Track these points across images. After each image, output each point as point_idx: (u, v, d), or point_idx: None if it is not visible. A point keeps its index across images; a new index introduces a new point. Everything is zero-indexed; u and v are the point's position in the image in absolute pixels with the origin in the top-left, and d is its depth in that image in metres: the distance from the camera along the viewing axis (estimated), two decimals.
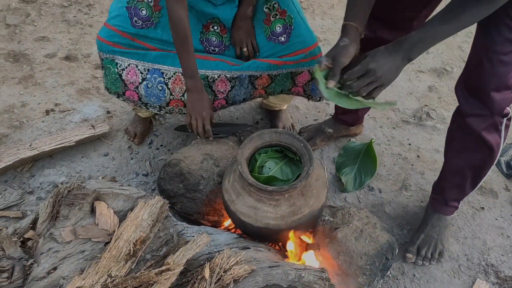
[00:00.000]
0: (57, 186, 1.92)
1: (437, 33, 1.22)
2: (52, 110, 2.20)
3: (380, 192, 2.00)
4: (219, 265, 1.35)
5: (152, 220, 1.42)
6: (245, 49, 1.76)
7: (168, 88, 1.75)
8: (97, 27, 2.69)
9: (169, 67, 1.73)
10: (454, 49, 2.70)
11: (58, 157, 2.01)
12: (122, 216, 1.43)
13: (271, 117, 2.23)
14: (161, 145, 2.11)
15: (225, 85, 1.79)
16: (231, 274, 1.32)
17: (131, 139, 2.10)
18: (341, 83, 1.31)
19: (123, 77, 1.74)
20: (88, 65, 2.46)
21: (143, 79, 1.74)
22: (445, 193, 1.77)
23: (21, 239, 1.44)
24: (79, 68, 2.43)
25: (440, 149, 2.19)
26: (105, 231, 1.39)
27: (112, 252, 1.33)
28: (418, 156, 2.16)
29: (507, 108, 1.49)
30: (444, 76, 2.53)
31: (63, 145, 2.00)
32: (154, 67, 1.73)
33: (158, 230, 1.46)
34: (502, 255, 1.81)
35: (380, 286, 1.69)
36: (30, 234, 1.45)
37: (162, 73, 1.74)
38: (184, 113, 1.82)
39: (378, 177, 2.06)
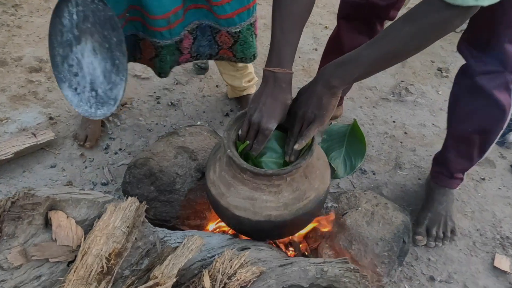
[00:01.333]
0: None
1: (360, 56, 1.02)
2: None
3: (374, 174, 1.80)
4: (220, 270, 1.07)
5: (127, 227, 1.12)
6: None
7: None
8: (26, 28, 2.34)
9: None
10: None
11: None
12: (87, 227, 1.12)
13: (241, 105, 1.98)
14: (120, 149, 1.80)
15: (189, 40, 1.58)
16: (237, 279, 1.05)
17: (82, 143, 1.78)
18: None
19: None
20: (20, 69, 2.10)
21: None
22: (451, 164, 1.60)
23: None
24: (10, 73, 2.07)
25: (426, 123, 2.04)
26: (66, 248, 1.08)
27: (79, 273, 1.02)
28: (405, 133, 1.99)
29: None
30: None
31: None
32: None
33: (136, 239, 1.17)
34: None
35: (397, 276, 1.47)
36: None
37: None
38: None
39: (368, 159, 1.86)
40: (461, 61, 1.43)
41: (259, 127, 1.14)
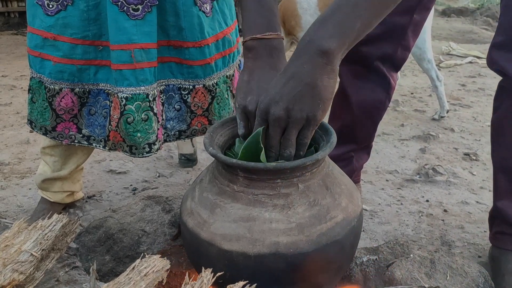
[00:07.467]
0: None
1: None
2: None
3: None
4: None
5: (42, 250, 0.68)
6: None
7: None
8: None
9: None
10: (430, 122, 2.38)
11: None
12: None
13: None
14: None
15: (159, 103, 1.24)
16: None
17: None
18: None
19: (54, 106, 1.20)
20: None
21: (83, 104, 1.23)
22: (510, 215, 1.18)
23: None
24: None
25: (469, 201, 1.64)
26: None
27: None
28: (445, 211, 1.57)
29: None
30: (431, 141, 2.13)
31: None
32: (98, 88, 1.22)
33: (57, 280, 0.71)
34: None
35: None
36: None
37: (108, 94, 1.22)
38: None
39: (406, 238, 1.42)
40: (488, 147, 1.19)
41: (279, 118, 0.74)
